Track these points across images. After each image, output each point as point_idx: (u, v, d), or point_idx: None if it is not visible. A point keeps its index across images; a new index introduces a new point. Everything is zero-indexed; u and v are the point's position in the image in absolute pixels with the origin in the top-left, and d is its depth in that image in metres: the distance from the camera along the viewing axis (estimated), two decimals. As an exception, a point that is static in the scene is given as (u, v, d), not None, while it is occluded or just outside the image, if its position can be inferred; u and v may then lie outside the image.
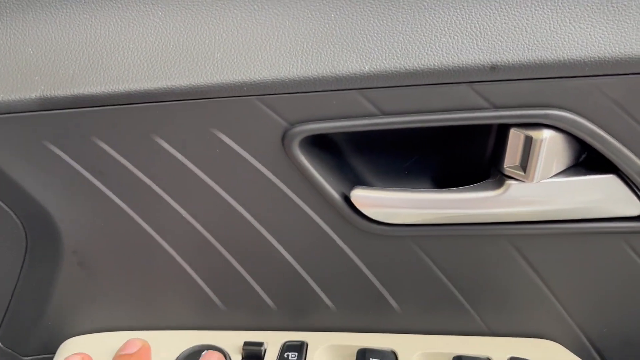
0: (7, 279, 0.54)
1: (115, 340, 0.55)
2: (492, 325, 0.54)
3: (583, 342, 0.53)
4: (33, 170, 0.47)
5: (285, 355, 0.52)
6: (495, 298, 0.52)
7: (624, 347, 0.52)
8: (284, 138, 0.44)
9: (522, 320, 0.53)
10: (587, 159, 0.46)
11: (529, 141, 0.42)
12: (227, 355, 0.52)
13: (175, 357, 0.53)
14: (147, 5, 0.43)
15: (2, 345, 0.58)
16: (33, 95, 0.43)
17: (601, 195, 0.45)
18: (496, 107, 0.41)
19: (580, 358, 0.52)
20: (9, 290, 0.55)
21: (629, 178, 0.44)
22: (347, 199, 0.47)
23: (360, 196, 0.47)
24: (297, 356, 0.52)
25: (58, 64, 0.43)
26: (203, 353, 0.51)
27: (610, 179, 0.44)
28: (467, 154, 0.48)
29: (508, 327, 0.54)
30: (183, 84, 0.42)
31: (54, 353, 0.56)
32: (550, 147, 0.43)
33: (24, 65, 0.43)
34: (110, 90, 0.42)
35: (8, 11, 0.43)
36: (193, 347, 0.53)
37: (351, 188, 0.47)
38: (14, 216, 0.50)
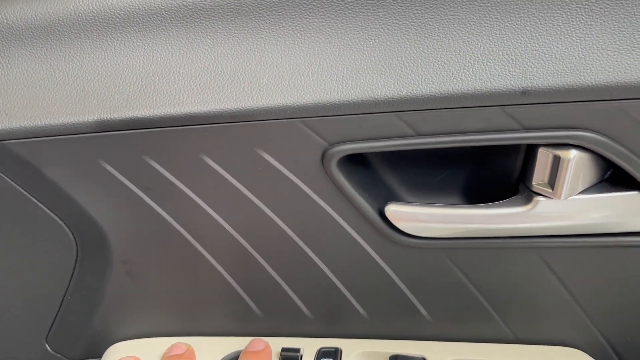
0: (58, 287, 0.57)
1: (159, 345, 0.58)
2: (519, 334, 0.56)
3: (607, 350, 0.55)
4: (87, 186, 0.50)
5: (321, 361, 0.54)
6: (522, 307, 0.54)
7: (646, 354, 0.54)
8: (324, 157, 0.47)
9: (548, 329, 0.55)
10: (612, 176, 0.48)
11: (557, 160, 0.45)
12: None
13: (216, 362, 0.55)
14: (196, 34, 0.45)
15: (50, 350, 0.61)
16: (91, 119, 0.46)
17: (625, 210, 0.47)
18: (526, 129, 0.44)
19: (604, 365, 0.54)
20: (59, 297, 0.58)
21: (651, 195, 0.46)
22: (381, 214, 0.50)
23: (395, 211, 0.49)
24: (333, 362, 0.54)
25: (114, 89, 0.46)
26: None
27: (634, 196, 0.46)
28: (497, 171, 0.51)
29: (534, 336, 0.56)
30: (231, 108, 0.45)
31: (99, 357, 0.59)
32: (577, 166, 0.45)
33: (83, 90, 0.46)
34: (162, 113, 0.45)
35: (67, 39, 0.46)
36: (233, 353, 0.56)
37: (385, 203, 0.49)
38: (65, 228, 0.53)
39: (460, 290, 0.54)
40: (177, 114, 0.45)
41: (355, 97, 0.44)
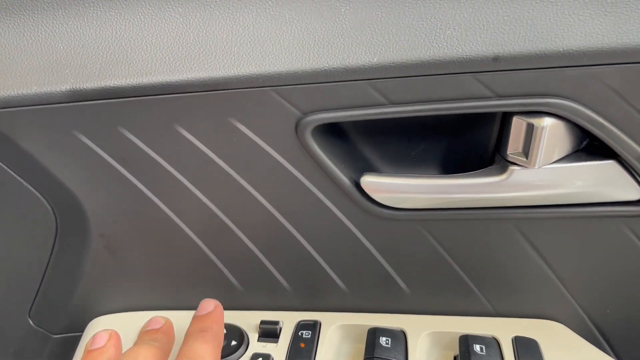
0: (38, 262, 0.57)
1: (139, 319, 0.58)
2: (498, 307, 0.56)
3: (586, 323, 0.55)
4: (63, 158, 0.50)
5: (299, 334, 0.55)
6: (501, 280, 0.54)
7: (626, 327, 0.54)
8: (297, 127, 0.46)
9: (527, 302, 0.55)
10: (588, 146, 0.48)
11: (530, 128, 0.45)
12: (245, 335, 0.55)
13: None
14: (169, 3, 0.45)
15: (33, 324, 0.61)
16: (63, 88, 0.46)
17: (601, 180, 0.47)
18: (499, 96, 0.44)
19: (584, 338, 0.54)
20: (41, 273, 0.58)
21: (628, 164, 0.45)
22: (357, 185, 0.50)
23: (370, 182, 0.49)
24: (311, 334, 0.54)
25: (86, 59, 0.46)
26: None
27: (610, 165, 0.46)
28: (472, 142, 0.50)
29: (513, 309, 0.56)
30: (202, 77, 0.45)
31: (82, 331, 0.60)
32: (551, 134, 0.45)
33: (55, 59, 0.46)
34: (134, 82, 0.45)
35: (39, 9, 0.46)
36: (212, 326, 0.56)
37: (361, 174, 0.49)
38: (45, 203, 0.54)
39: (438, 263, 0.54)
40: (149, 83, 0.45)
41: (327, 65, 0.44)
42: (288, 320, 0.57)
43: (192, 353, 0.45)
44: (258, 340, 0.55)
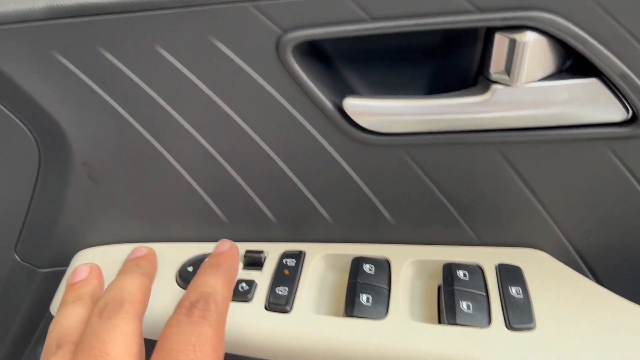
0: (23, 194, 0.57)
1: (125, 251, 0.58)
2: (483, 236, 0.56)
3: (570, 251, 0.55)
4: (43, 80, 0.49)
5: (284, 262, 0.55)
6: (485, 209, 0.54)
7: (609, 255, 0.54)
8: (278, 45, 0.46)
9: (512, 231, 0.55)
10: (573, 67, 0.47)
11: (513, 45, 0.44)
12: None
13: (181, 264, 0.56)
14: None
15: (19, 259, 0.62)
16: (40, 5, 0.45)
17: (585, 100, 0.46)
18: (481, 10, 0.43)
19: (568, 266, 0.54)
20: (25, 205, 0.58)
21: (611, 82, 0.45)
22: (340, 109, 0.49)
23: (353, 104, 0.49)
24: (295, 262, 0.54)
25: (63, -26, 0.45)
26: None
27: (593, 83, 0.46)
28: (456, 63, 0.50)
29: (498, 238, 0.56)
30: (181, -9, 0.44)
31: (67, 265, 0.60)
32: (534, 50, 0.44)
33: (32, -25, 0.45)
34: (113, -1, 0.45)
35: None
36: (197, 256, 0.56)
37: (344, 98, 0.49)
38: (27, 130, 0.53)
39: (422, 192, 0.54)
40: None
41: (306, -22, 0.43)
42: (273, 251, 0.57)
43: (202, 284, 0.46)
44: (243, 269, 0.55)
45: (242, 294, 0.51)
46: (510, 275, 0.52)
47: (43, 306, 0.58)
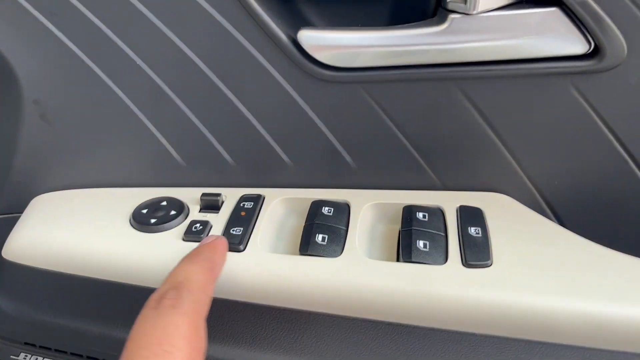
0: (-28, 137, 0.56)
1: (82, 196, 0.57)
2: (446, 180, 0.55)
3: (534, 195, 0.54)
4: (-13, 11, 0.48)
5: (241, 205, 0.53)
6: (447, 151, 0.53)
7: (573, 197, 0.53)
8: (229, -27, 0.45)
9: (475, 174, 0.54)
10: (533, -3, 0.46)
11: (469, -31, 0.43)
12: (186, 206, 0.54)
13: (135, 207, 0.54)
14: None
15: (-28, 204, 0.60)
16: None
17: (545, 31, 0.45)
18: None
19: (531, 209, 0.53)
20: (-23, 148, 0.57)
21: (572, 11, 0.44)
22: (295, 43, 0.48)
23: (308, 36, 0.47)
24: (253, 205, 0.53)
25: None
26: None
27: (553, 13, 0.44)
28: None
29: (461, 182, 0.54)
30: None
31: (22, 212, 0.58)
32: (491, -25, 0.43)
33: None
34: None
35: None
36: (152, 199, 0.55)
37: (299, 30, 0.47)
38: (-26, 66, 0.52)
39: (383, 133, 0.52)
40: None
41: None
42: (231, 195, 0.55)
43: (175, 274, 0.41)
44: (199, 212, 0.54)
45: (195, 233, 0.50)
46: (470, 216, 0.51)
47: (-2, 252, 0.57)
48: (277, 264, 0.47)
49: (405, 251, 0.47)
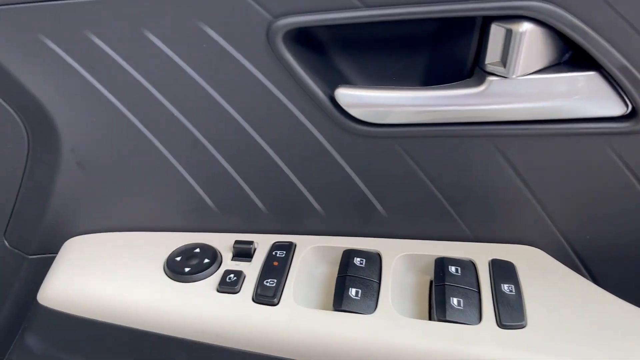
0: (11, 180, 0.57)
1: (114, 240, 0.58)
2: (476, 231, 0.55)
3: (565, 248, 0.54)
4: (30, 64, 0.49)
5: (273, 253, 0.54)
6: (479, 203, 0.53)
7: (605, 252, 0.53)
8: (269, 32, 0.45)
9: (506, 227, 0.54)
10: (571, 59, 0.46)
11: (509, 35, 0.43)
12: (219, 254, 0.55)
13: (169, 253, 0.55)
14: None
15: (8, 245, 0.61)
16: (26, -14, 0.44)
17: (583, 93, 0.45)
18: (477, -1, 0.42)
19: (562, 263, 0.53)
20: (14, 191, 0.57)
21: (611, 75, 0.44)
22: (332, 99, 0.48)
23: (345, 94, 0.48)
24: (285, 254, 0.53)
25: (50, -45, 0.44)
26: None
27: (592, 77, 0.44)
28: (451, 55, 0.49)
29: (492, 234, 0.55)
30: (170, -27, 0.43)
31: (57, 252, 0.59)
32: (531, 40, 0.43)
33: (18, -44, 0.45)
34: (100, -20, 0.44)
35: None
36: (186, 245, 0.56)
37: (336, 88, 0.48)
38: (15, 115, 0.52)
39: (416, 185, 0.53)
40: (115, -19, 0.44)
41: (298, -37, 0.42)
42: (263, 242, 0.56)
43: None
44: (232, 260, 0.54)
45: (229, 284, 0.50)
46: (503, 271, 0.51)
47: (32, 293, 0.57)
48: (312, 320, 0.48)
49: (439, 308, 0.48)
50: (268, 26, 0.45)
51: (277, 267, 0.52)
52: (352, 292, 0.49)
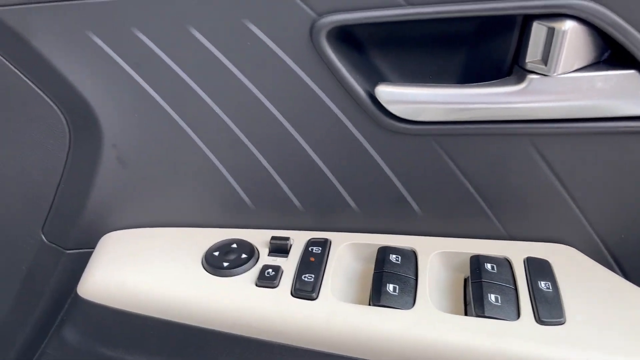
0: (52, 174, 0.58)
1: (151, 235, 0.59)
2: (511, 230, 0.55)
3: (600, 248, 0.54)
4: (76, 61, 0.50)
5: (309, 249, 0.54)
6: (514, 202, 0.53)
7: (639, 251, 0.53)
8: (312, 30, 0.46)
9: (541, 225, 0.54)
10: (611, 58, 0.46)
11: (551, 33, 0.43)
12: (256, 249, 0.55)
13: (207, 248, 0.56)
14: None
15: (46, 240, 0.62)
16: (76, -16, 0.45)
17: (622, 92, 0.45)
18: (519, -3, 0.42)
19: (597, 262, 0.53)
20: (54, 186, 0.58)
21: (651, 74, 0.44)
22: (371, 96, 0.49)
23: (385, 92, 0.48)
24: (321, 250, 0.54)
25: (100, -47, 0.46)
26: None
27: (632, 75, 0.45)
28: (491, 53, 0.49)
29: (526, 232, 0.55)
30: (217, -29, 0.44)
31: (94, 247, 0.60)
32: (572, 39, 0.43)
33: (69, -46, 0.46)
34: (148, -21, 0.45)
35: None
36: (223, 240, 0.56)
37: (376, 85, 0.48)
38: (57, 110, 0.53)
39: (451, 182, 0.53)
40: (162, -20, 0.45)
41: (343, -38, 0.43)
42: (299, 238, 0.56)
43: None
44: (269, 255, 0.55)
45: (268, 279, 0.51)
46: (539, 269, 0.51)
47: (69, 287, 0.59)
48: (351, 314, 0.48)
49: (477, 304, 0.48)
50: (312, 24, 0.46)
51: (314, 263, 0.53)
52: (390, 287, 0.50)
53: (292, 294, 0.51)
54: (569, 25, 0.43)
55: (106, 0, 0.46)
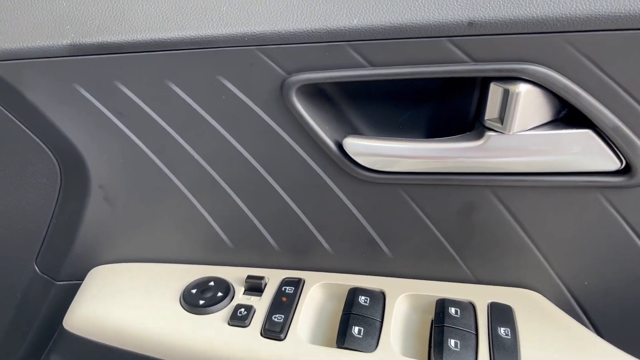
0: (44, 212, 0.61)
1: (136, 270, 0.62)
2: (478, 274, 0.57)
3: (564, 294, 0.56)
4: (65, 110, 0.53)
5: (283, 289, 0.57)
6: (481, 247, 0.55)
7: (603, 299, 0.55)
8: (282, 86, 0.49)
9: (506, 270, 0.56)
10: (567, 115, 0.49)
11: (506, 94, 0.46)
12: (232, 287, 0.58)
13: (185, 285, 0.59)
14: (163, -36, 0.48)
15: (38, 271, 0.65)
16: (64, 42, 0.49)
17: (578, 149, 0.47)
18: (475, 61, 0.45)
19: (561, 308, 0.55)
20: (47, 221, 0.62)
21: (604, 133, 0.46)
22: (340, 147, 0.52)
23: (352, 144, 0.51)
24: (294, 290, 0.57)
25: (86, 15, 0.49)
26: None
27: (586, 134, 0.47)
28: (454, 109, 0.52)
29: (492, 277, 0.57)
30: (192, 35, 0.47)
31: (82, 279, 0.63)
32: (527, 100, 0.46)
33: (58, 15, 0.49)
34: (130, 39, 0.48)
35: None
36: (201, 278, 0.59)
37: (345, 136, 0.51)
38: (50, 154, 0.57)
39: (419, 228, 0.55)
40: (143, 40, 0.48)
41: (309, 27, 0.46)
42: (274, 277, 0.59)
43: None
44: (244, 294, 0.58)
45: (240, 319, 0.54)
46: (501, 315, 0.53)
47: (58, 317, 0.62)
48: (316, 356, 0.51)
49: (437, 349, 0.50)
50: (282, 81, 0.48)
51: (285, 303, 0.55)
52: (355, 330, 0.52)
53: (261, 334, 0.53)
54: (523, 87, 0.45)
55: (92, 57, 0.49)
